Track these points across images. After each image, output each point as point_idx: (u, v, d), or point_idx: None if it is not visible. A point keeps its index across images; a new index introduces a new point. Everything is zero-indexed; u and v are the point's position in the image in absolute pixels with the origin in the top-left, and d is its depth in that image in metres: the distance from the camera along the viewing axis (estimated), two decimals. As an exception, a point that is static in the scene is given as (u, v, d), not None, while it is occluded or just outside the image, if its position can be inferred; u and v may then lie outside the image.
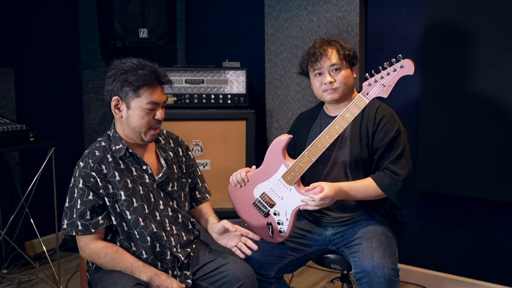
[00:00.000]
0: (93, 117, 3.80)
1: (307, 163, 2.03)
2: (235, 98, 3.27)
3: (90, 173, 1.87)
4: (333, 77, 2.11)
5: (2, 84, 3.20)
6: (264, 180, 2.15)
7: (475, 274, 2.90)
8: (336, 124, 1.99)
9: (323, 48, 2.11)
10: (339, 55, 2.10)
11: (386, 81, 1.86)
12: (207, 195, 2.22)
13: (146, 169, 1.97)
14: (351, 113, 1.97)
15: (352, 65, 2.16)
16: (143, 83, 1.87)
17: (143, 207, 1.93)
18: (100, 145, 1.95)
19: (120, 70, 1.88)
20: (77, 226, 1.85)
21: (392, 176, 2.04)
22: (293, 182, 2.06)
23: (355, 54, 2.16)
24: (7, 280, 3.12)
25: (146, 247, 1.90)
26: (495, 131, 2.64)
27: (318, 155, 2.02)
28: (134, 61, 1.91)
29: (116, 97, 1.89)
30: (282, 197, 2.10)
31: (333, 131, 2.00)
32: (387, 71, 1.88)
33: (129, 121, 1.91)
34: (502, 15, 2.57)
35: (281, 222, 2.13)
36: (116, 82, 1.88)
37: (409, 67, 1.81)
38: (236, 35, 3.77)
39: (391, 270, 1.92)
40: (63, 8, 3.62)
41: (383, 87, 1.87)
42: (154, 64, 1.94)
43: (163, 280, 1.86)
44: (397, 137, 2.07)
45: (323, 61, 2.10)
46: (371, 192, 2.05)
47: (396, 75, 1.85)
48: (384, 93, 1.91)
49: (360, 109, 1.96)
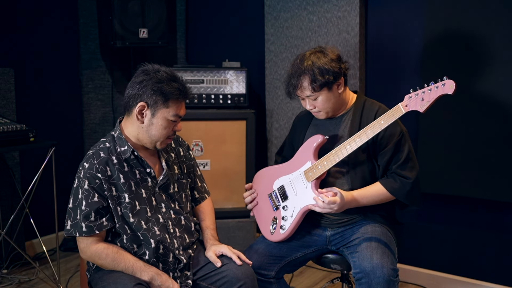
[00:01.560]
0: (93, 117, 3.80)
1: (330, 163, 2.05)
2: (235, 98, 3.27)
3: (95, 174, 1.86)
4: (312, 104, 2.11)
5: (2, 84, 3.20)
6: (288, 174, 2.20)
7: (475, 274, 2.90)
8: (369, 128, 1.98)
9: (295, 78, 2.07)
10: (312, 87, 2.04)
11: (425, 96, 1.88)
12: (205, 195, 2.22)
13: (149, 172, 1.97)
14: (385, 121, 1.96)
15: (332, 84, 2.06)
16: (174, 96, 1.88)
17: (146, 210, 1.93)
18: (104, 146, 1.94)
19: (154, 78, 1.88)
20: (81, 227, 1.84)
21: (402, 180, 2.05)
22: (312, 179, 2.09)
23: (334, 74, 2.04)
24: (7, 280, 3.12)
25: (150, 248, 1.90)
26: (495, 131, 2.64)
27: (343, 156, 2.03)
28: (168, 71, 1.92)
29: (143, 103, 1.88)
30: (296, 193, 2.14)
31: (365, 136, 1.99)
32: (429, 87, 1.89)
33: (150, 129, 1.91)
34: (502, 15, 2.57)
35: (286, 218, 2.15)
36: (147, 89, 1.87)
37: (450, 86, 1.83)
38: (236, 35, 3.77)
39: (390, 270, 1.92)
40: (63, 8, 3.62)
41: (422, 101, 1.89)
42: (182, 78, 1.96)
43: (164, 280, 1.86)
44: (401, 139, 2.07)
45: (299, 91, 2.10)
46: (382, 197, 2.07)
47: (436, 92, 1.85)
48: (421, 107, 1.90)
49: (396, 118, 1.94)
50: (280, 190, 2.21)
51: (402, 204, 2.16)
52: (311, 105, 2.12)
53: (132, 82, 1.92)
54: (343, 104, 2.15)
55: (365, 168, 2.10)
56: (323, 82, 2.03)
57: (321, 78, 2.03)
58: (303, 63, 2.06)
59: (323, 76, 2.03)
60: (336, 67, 2.05)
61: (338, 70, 2.06)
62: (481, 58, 2.65)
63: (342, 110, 2.17)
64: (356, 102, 2.17)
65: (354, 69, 3.04)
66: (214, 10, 3.88)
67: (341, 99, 2.13)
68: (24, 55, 3.42)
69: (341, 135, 2.14)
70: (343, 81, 2.10)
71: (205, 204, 2.21)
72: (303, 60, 2.08)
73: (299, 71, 2.07)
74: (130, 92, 1.91)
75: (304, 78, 2.06)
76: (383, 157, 2.08)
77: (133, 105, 1.90)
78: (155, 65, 1.94)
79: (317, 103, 2.10)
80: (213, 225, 2.14)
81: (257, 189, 2.32)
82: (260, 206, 2.30)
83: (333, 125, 2.18)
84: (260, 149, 3.50)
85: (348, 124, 2.14)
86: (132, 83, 1.91)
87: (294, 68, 2.09)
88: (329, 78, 2.03)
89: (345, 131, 2.14)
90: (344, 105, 2.16)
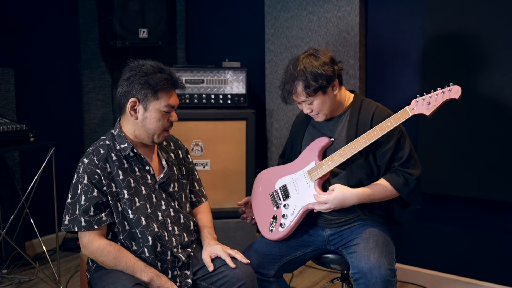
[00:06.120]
0: (93, 117, 3.80)
1: (335, 162, 2.07)
2: (235, 98, 3.27)
3: (95, 170, 1.87)
4: (309, 108, 2.12)
5: (2, 84, 3.19)
6: (291, 173, 2.22)
7: (475, 274, 2.90)
8: (375, 130, 2.00)
9: (290, 84, 2.08)
10: (306, 92, 2.05)
11: (432, 100, 1.91)
12: (202, 199, 2.23)
13: (148, 170, 1.98)
14: (392, 123, 1.98)
15: (326, 88, 2.06)
16: (163, 87, 1.88)
17: (146, 206, 1.93)
18: (104, 143, 1.95)
19: (140, 72, 1.89)
20: (80, 222, 1.85)
21: (406, 176, 2.05)
22: (315, 179, 2.11)
23: (327, 77, 2.03)
24: (7, 280, 3.12)
25: (148, 246, 1.90)
26: (495, 131, 2.64)
27: (348, 156, 2.04)
28: (153, 64, 1.92)
29: (133, 99, 1.89)
30: (298, 192, 2.16)
31: (370, 136, 2.01)
32: (436, 92, 1.92)
33: (145, 123, 1.92)
34: (502, 14, 2.57)
35: (287, 216, 2.16)
36: (135, 84, 1.88)
37: (456, 91, 1.87)
38: (236, 35, 3.77)
39: (387, 271, 1.92)
40: (63, 8, 3.62)
41: (428, 105, 1.92)
42: (170, 68, 1.96)
43: (164, 282, 1.86)
44: (400, 138, 2.08)
45: (295, 96, 2.11)
46: (388, 193, 2.07)
47: (443, 97, 1.89)
48: (427, 110, 1.93)
49: (402, 120, 1.97)
50: (282, 189, 2.23)
51: (403, 204, 2.16)
52: (308, 109, 2.12)
53: (121, 80, 1.93)
54: (340, 105, 2.16)
55: (361, 169, 2.10)
56: (317, 87, 2.03)
57: (314, 83, 2.03)
58: (296, 68, 2.07)
59: (316, 81, 2.03)
60: (329, 70, 2.05)
61: (331, 73, 2.05)
62: (481, 58, 2.65)
63: (339, 110, 2.17)
64: (353, 102, 2.18)
65: (354, 69, 3.04)
66: (214, 10, 3.88)
67: (338, 100, 2.14)
68: (24, 55, 3.42)
69: (338, 135, 2.15)
70: (337, 83, 2.10)
71: (202, 206, 2.22)
72: (296, 65, 2.08)
73: (292, 77, 2.07)
74: (120, 90, 1.92)
75: (297, 83, 2.06)
76: (383, 157, 2.08)
77: (125, 102, 1.91)
78: (141, 61, 1.94)
79: (313, 107, 2.10)
80: (210, 223, 2.15)
81: (259, 189, 2.34)
82: (260, 205, 2.30)
83: (330, 125, 2.18)
84: (260, 149, 3.50)
85: (345, 124, 2.14)
86: (121, 81, 1.93)
87: (288, 74, 2.10)
88: (322, 83, 2.03)
89: (343, 132, 2.14)
90: (341, 105, 2.16)
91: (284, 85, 2.12)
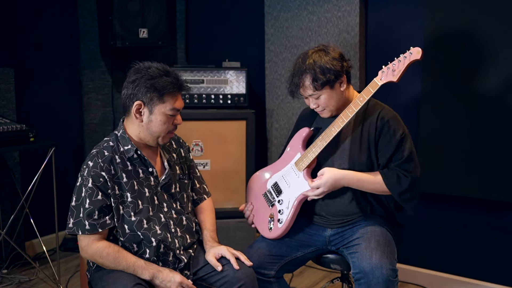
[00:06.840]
0: (93, 117, 3.80)
1: (319, 148, 2.09)
2: (235, 98, 3.27)
3: (100, 172, 1.86)
4: (316, 103, 2.13)
5: (2, 84, 3.19)
6: (279, 170, 2.25)
7: (475, 274, 2.90)
8: (350, 108, 2.04)
9: (298, 77, 2.09)
10: (313, 86, 2.06)
11: (396, 67, 1.97)
12: (204, 196, 2.22)
13: (152, 171, 1.97)
14: (363, 97, 2.02)
15: (334, 83, 2.07)
16: (169, 90, 1.88)
17: (148, 209, 1.93)
18: (108, 145, 1.94)
19: (146, 75, 1.88)
20: (84, 225, 1.84)
21: (399, 176, 2.05)
22: (303, 168, 2.13)
23: (335, 72, 2.05)
24: (7, 280, 3.12)
25: (151, 248, 1.90)
26: (495, 131, 2.64)
27: (330, 139, 2.07)
28: (159, 67, 1.91)
29: (139, 102, 1.88)
30: (289, 185, 2.18)
31: (347, 115, 2.04)
32: (398, 59, 1.97)
33: (150, 125, 1.91)
34: (502, 14, 2.57)
35: (283, 211, 2.16)
36: (141, 87, 1.87)
37: (417, 52, 1.93)
38: (236, 35, 3.77)
39: (389, 271, 1.92)
40: (63, 8, 3.62)
41: (393, 72, 1.97)
42: (175, 71, 1.95)
43: (165, 275, 1.86)
44: (403, 140, 2.07)
45: (302, 90, 2.12)
46: (377, 185, 2.06)
47: (405, 60, 1.94)
48: (394, 77, 1.98)
49: (373, 91, 2.00)
50: (274, 187, 2.25)
51: (399, 206, 2.16)
52: (315, 104, 2.13)
53: (126, 82, 1.92)
54: (346, 102, 2.15)
55: (364, 168, 2.10)
56: (325, 81, 2.05)
57: (322, 77, 2.04)
58: (305, 62, 2.08)
59: (325, 75, 2.04)
60: (338, 65, 2.06)
61: (339, 69, 2.07)
62: (481, 58, 2.65)
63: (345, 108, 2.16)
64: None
65: (354, 69, 3.04)
66: (214, 10, 3.87)
67: (344, 97, 2.14)
68: (24, 55, 3.42)
69: (342, 135, 2.14)
70: (345, 79, 2.11)
71: (204, 204, 2.21)
72: (305, 59, 2.09)
73: (300, 70, 2.08)
74: (125, 92, 1.91)
75: (305, 76, 2.07)
76: (383, 156, 2.08)
77: (130, 105, 1.90)
78: (146, 63, 1.93)
79: (320, 102, 2.11)
80: (212, 226, 2.14)
81: (252, 193, 2.34)
82: (256, 208, 2.30)
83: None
84: (260, 149, 3.50)
85: (351, 122, 2.14)
86: (126, 83, 1.92)
87: (296, 67, 2.12)
88: (330, 77, 2.04)
89: (348, 130, 2.14)
90: (347, 103, 2.15)
91: (292, 78, 2.13)
